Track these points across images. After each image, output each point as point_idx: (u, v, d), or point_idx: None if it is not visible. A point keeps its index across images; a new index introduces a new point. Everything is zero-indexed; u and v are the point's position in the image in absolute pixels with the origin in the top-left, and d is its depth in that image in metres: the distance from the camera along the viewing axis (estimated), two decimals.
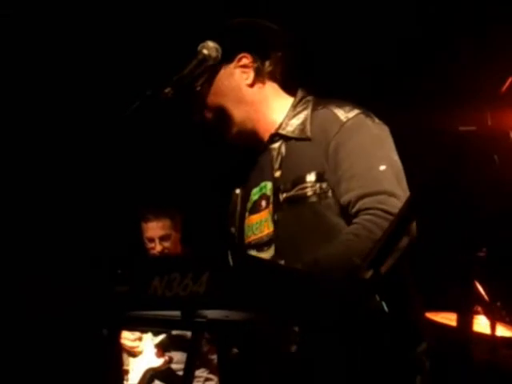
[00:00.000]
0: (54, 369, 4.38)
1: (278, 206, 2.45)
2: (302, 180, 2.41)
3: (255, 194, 2.58)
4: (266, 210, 2.51)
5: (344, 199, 2.36)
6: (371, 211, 2.28)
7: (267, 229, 2.49)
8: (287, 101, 2.59)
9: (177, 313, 1.74)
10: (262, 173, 2.56)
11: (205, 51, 2.47)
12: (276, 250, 2.43)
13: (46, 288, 4.19)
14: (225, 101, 2.54)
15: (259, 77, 2.56)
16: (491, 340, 3.54)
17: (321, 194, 2.38)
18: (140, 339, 4.51)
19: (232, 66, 2.55)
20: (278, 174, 2.49)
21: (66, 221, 4.77)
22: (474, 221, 1.45)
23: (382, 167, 2.35)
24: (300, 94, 2.60)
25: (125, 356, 4.61)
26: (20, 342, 4.50)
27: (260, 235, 2.51)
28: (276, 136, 2.54)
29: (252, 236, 2.54)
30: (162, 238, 4.72)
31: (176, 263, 1.76)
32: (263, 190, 2.55)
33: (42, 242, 4.71)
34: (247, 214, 2.59)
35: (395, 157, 2.42)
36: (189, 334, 2.92)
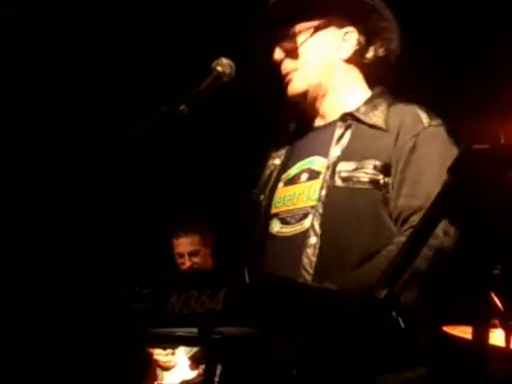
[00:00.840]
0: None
1: (328, 184, 2.41)
2: (366, 164, 2.39)
3: (298, 167, 2.55)
4: (307, 184, 2.48)
5: (402, 201, 2.35)
6: None
7: (303, 202, 2.45)
8: (366, 91, 2.60)
9: (194, 330, 1.75)
10: (315, 148, 2.54)
11: (219, 68, 2.49)
12: (312, 226, 2.38)
13: (46, 288, 4.21)
14: (314, 55, 2.55)
15: (356, 57, 2.58)
16: (509, 353, 3.53)
17: (384, 186, 2.37)
18: (173, 353, 4.53)
19: (340, 31, 2.55)
20: (337, 151, 2.46)
21: (90, 236, 4.80)
22: (488, 238, 1.46)
23: None
24: (379, 89, 2.60)
25: (158, 371, 4.66)
26: (20, 342, 4.51)
27: (292, 207, 2.48)
28: (348, 116, 2.52)
29: (283, 207, 2.51)
30: (192, 254, 4.79)
31: (193, 280, 1.77)
32: (309, 165, 2.52)
33: (47, 244, 4.74)
34: (281, 184, 2.56)
35: None
36: None
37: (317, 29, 2.55)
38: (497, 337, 3.61)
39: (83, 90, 4.80)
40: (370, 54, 2.59)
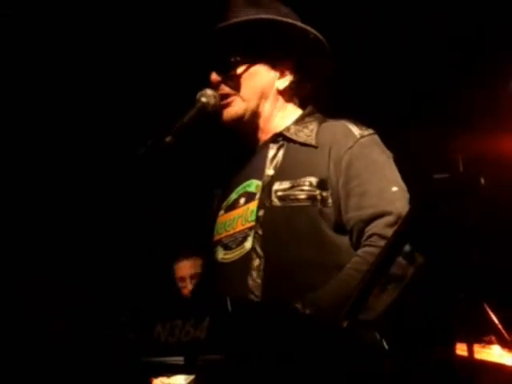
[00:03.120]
0: None
1: (265, 203, 2.44)
2: (302, 182, 2.42)
3: (236, 193, 2.58)
4: (244, 207, 2.50)
5: (352, 215, 2.37)
6: (374, 242, 2.29)
7: (241, 225, 2.48)
8: (296, 111, 2.65)
9: (180, 358, 1.78)
10: (249, 171, 2.58)
11: (203, 99, 2.53)
12: (253, 248, 2.40)
13: (46, 288, 4.22)
14: (251, 85, 2.58)
15: (291, 89, 2.62)
16: (505, 370, 3.54)
17: (321, 201, 2.39)
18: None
19: (276, 64, 2.59)
20: (271, 172, 2.50)
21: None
22: (451, 263, 1.50)
23: (394, 188, 2.37)
24: (310, 108, 2.65)
25: None
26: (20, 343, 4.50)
27: (232, 232, 2.50)
28: (280, 136, 2.57)
29: (224, 233, 2.53)
30: (193, 277, 4.76)
31: (178, 310, 1.80)
32: (246, 188, 2.55)
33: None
34: (222, 212, 2.59)
35: (402, 182, 2.45)
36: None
37: (256, 60, 2.58)
38: (494, 353, 3.63)
39: (82, 93, 4.82)
40: (305, 86, 2.65)
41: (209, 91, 2.55)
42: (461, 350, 3.78)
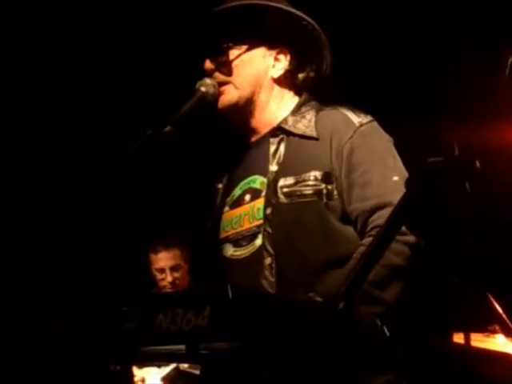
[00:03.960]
0: None
1: (271, 201, 2.43)
2: (307, 177, 2.41)
3: (240, 188, 2.57)
4: (250, 204, 2.50)
5: (356, 206, 2.38)
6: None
7: (248, 223, 2.48)
8: (293, 100, 2.62)
9: (182, 346, 1.78)
10: (252, 166, 2.57)
11: (202, 88, 2.53)
12: (263, 246, 2.40)
13: (46, 288, 4.22)
14: (245, 72, 2.56)
15: (286, 77, 2.60)
16: (510, 359, 3.54)
17: (326, 195, 2.39)
18: (143, 380, 4.45)
19: (272, 51, 2.57)
20: (274, 167, 2.48)
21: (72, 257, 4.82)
22: (446, 248, 1.50)
23: (396, 178, 2.37)
24: (305, 96, 2.63)
25: None
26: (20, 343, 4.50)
27: (240, 229, 2.49)
28: (278, 130, 2.55)
29: (231, 230, 2.53)
30: (173, 269, 4.76)
31: (179, 299, 1.81)
32: (250, 184, 2.54)
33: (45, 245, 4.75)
34: (227, 208, 2.59)
35: (403, 168, 2.45)
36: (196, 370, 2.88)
37: (250, 46, 2.56)
38: (498, 343, 3.63)
39: (80, 86, 4.82)
40: (301, 75, 2.62)
41: (208, 80, 2.54)
42: (459, 338, 3.78)
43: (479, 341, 3.42)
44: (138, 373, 4.42)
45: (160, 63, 4.59)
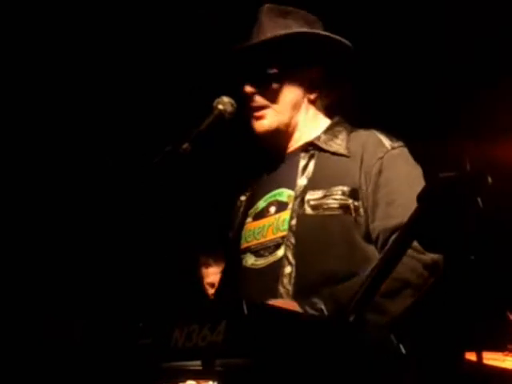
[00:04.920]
0: None
1: (298, 213, 2.45)
2: (335, 191, 2.43)
3: (265, 201, 2.59)
4: (275, 216, 2.51)
5: (378, 224, 2.38)
6: None
7: (272, 234, 2.48)
8: (325, 121, 2.67)
9: (198, 362, 1.79)
10: (280, 180, 2.59)
11: (220, 106, 2.54)
12: (285, 256, 2.40)
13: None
14: (286, 96, 2.59)
15: (320, 98, 2.65)
16: None
17: (353, 211, 2.40)
18: None
19: (309, 73, 2.61)
20: (303, 181, 2.51)
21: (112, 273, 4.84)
22: (458, 263, 1.50)
23: None
24: (338, 118, 2.67)
25: None
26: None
27: (262, 240, 2.50)
28: (310, 146, 2.58)
29: (253, 241, 2.54)
30: None
31: (194, 315, 1.81)
32: (277, 197, 2.56)
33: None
34: (250, 219, 2.60)
35: None
36: None
37: (292, 73, 2.60)
38: None
39: (97, 99, 4.84)
40: (333, 95, 2.67)
41: (225, 98, 2.56)
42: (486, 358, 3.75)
43: (498, 359, 3.40)
44: None
45: (180, 80, 4.61)
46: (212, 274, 4.81)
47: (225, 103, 2.56)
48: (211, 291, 4.80)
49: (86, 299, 4.65)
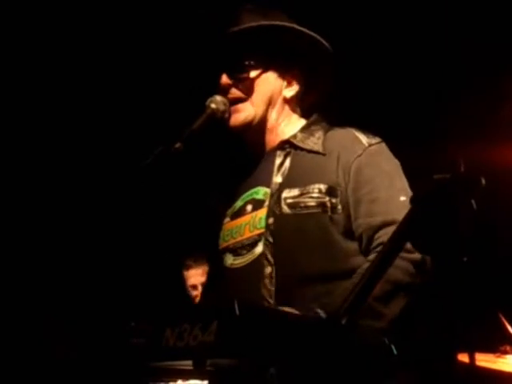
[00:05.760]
0: None
1: (274, 211, 2.45)
2: (311, 189, 2.43)
3: (242, 200, 2.59)
4: (252, 214, 2.51)
5: (362, 222, 2.38)
6: None
7: (249, 232, 2.48)
8: (301, 119, 2.66)
9: (189, 362, 1.78)
10: (256, 179, 2.58)
11: (213, 105, 2.54)
12: (264, 254, 2.41)
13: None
14: (261, 91, 2.58)
15: (297, 98, 2.64)
16: None
17: (330, 208, 2.40)
18: None
19: (285, 72, 2.61)
20: (279, 179, 2.51)
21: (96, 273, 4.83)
22: (451, 265, 1.50)
23: (403, 198, 2.39)
24: (315, 116, 2.67)
25: None
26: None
27: (240, 239, 2.51)
28: (286, 144, 2.58)
29: (231, 240, 2.54)
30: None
31: (186, 315, 1.81)
32: (253, 195, 2.56)
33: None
34: (228, 219, 2.60)
35: (409, 190, 2.46)
36: None
37: (268, 65, 2.59)
38: (508, 363, 3.60)
39: (90, 99, 4.84)
40: (310, 96, 2.68)
41: (218, 97, 2.56)
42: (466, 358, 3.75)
43: (490, 361, 3.40)
44: None
45: (171, 79, 4.60)
46: (193, 276, 4.82)
47: (217, 102, 2.55)
48: (194, 294, 4.79)
49: (78, 300, 4.65)
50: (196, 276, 4.81)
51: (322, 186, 2.42)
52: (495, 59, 3.83)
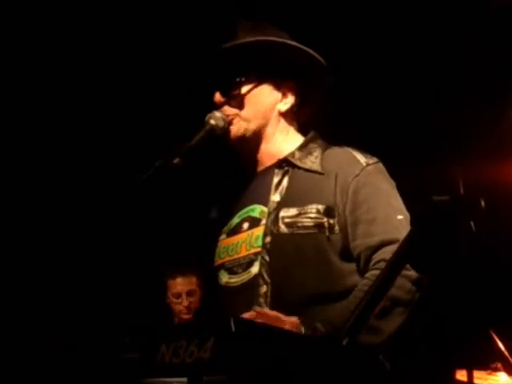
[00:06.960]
0: None
1: (272, 230, 2.44)
2: (309, 209, 2.43)
3: (239, 217, 2.58)
4: (248, 232, 2.51)
5: (360, 242, 2.38)
6: (382, 266, 2.28)
7: (245, 250, 2.48)
8: (298, 135, 2.66)
9: (184, 379, 1.77)
10: (253, 196, 2.58)
11: (212, 121, 2.55)
12: (260, 274, 2.40)
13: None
14: (255, 105, 2.59)
15: (292, 111, 2.64)
16: None
17: (328, 229, 2.40)
18: None
19: (278, 86, 2.61)
20: (276, 198, 2.50)
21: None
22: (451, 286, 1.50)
23: (400, 217, 2.40)
24: (313, 133, 2.67)
25: None
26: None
27: (236, 257, 2.50)
28: (284, 162, 2.57)
29: (226, 257, 2.54)
30: (189, 293, 4.88)
31: (182, 331, 1.80)
32: (249, 213, 2.55)
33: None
34: (224, 236, 2.60)
35: (405, 209, 2.46)
36: None
37: (260, 81, 2.60)
38: (500, 380, 3.61)
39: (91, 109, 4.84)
40: (306, 110, 2.68)
41: (217, 113, 2.56)
42: (461, 375, 3.76)
43: (481, 378, 3.41)
44: None
45: (171, 95, 4.61)
46: (178, 285, 4.90)
47: (217, 118, 2.56)
48: (176, 301, 4.84)
49: (78, 301, 4.65)
50: (183, 285, 4.89)
51: (320, 207, 2.42)
52: (495, 74, 3.84)
